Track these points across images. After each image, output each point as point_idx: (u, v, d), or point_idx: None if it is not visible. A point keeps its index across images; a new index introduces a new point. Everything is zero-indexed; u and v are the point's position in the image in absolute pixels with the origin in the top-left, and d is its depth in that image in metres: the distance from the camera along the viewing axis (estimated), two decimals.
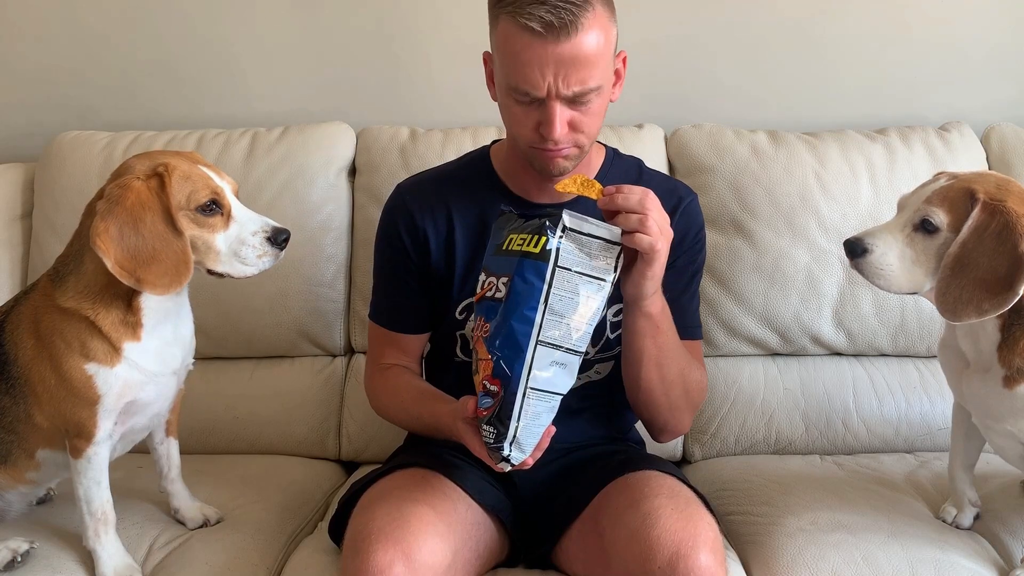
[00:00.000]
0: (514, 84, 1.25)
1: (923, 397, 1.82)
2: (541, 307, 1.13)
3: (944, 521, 1.45)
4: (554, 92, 1.23)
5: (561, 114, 1.25)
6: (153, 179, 1.25)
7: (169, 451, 1.49)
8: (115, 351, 1.28)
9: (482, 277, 1.21)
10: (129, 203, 1.23)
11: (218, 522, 1.49)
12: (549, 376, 1.14)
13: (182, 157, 1.30)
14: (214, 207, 1.28)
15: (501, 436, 1.13)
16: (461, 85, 1.34)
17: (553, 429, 1.17)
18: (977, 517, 1.45)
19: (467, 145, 1.82)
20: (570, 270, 1.15)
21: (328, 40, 2.10)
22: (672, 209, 1.41)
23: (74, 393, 1.28)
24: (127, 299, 1.28)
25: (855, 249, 1.29)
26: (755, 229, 1.84)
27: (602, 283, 1.17)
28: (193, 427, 1.76)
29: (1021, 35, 2.08)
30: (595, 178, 1.41)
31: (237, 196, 1.33)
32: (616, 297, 1.40)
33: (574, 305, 1.15)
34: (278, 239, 1.31)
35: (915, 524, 1.43)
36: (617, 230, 1.18)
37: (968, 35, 2.07)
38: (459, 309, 1.42)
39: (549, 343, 1.14)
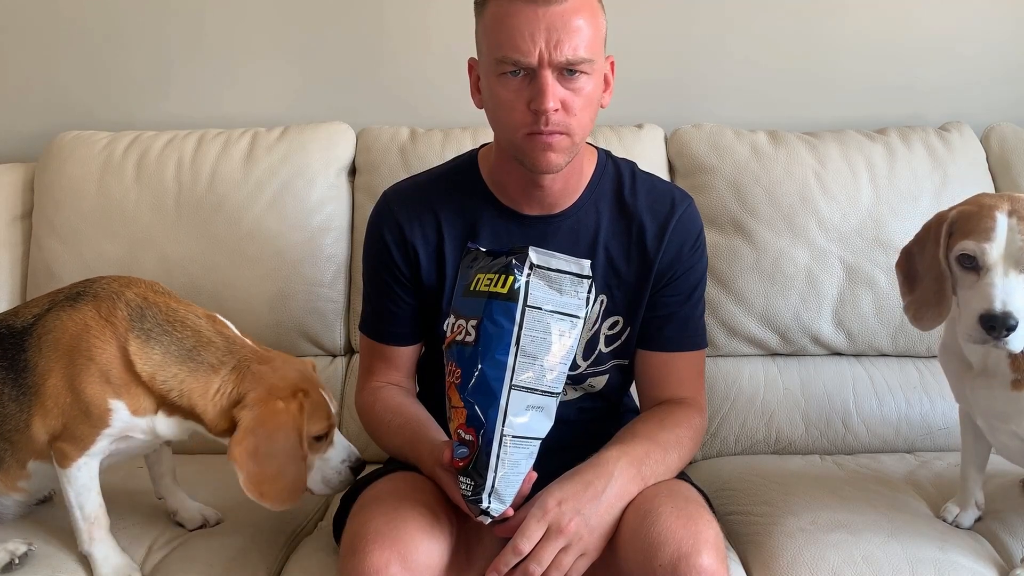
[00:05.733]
0: (502, 55, 1.22)
1: (923, 397, 1.82)
2: (512, 349, 1.09)
3: (944, 520, 1.45)
4: (546, 59, 1.20)
5: (553, 87, 1.21)
6: (293, 403, 1.30)
7: (162, 456, 1.49)
8: (148, 412, 1.32)
9: (451, 319, 1.17)
10: (271, 425, 1.28)
11: (217, 523, 1.49)
12: (525, 421, 1.11)
13: (311, 381, 1.36)
14: (323, 436, 1.35)
15: (479, 488, 1.10)
16: (461, 85, 1.33)
17: (534, 476, 1.15)
18: (979, 519, 1.45)
19: (467, 145, 1.82)
20: (540, 309, 1.11)
21: (328, 40, 2.10)
22: (665, 220, 1.38)
23: (86, 413, 1.29)
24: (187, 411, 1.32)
25: (1010, 323, 1.15)
26: (755, 229, 1.84)
27: (575, 320, 1.13)
28: None
29: (1021, 35, 2.08)
30: (588, 184, 1.40)
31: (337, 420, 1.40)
32: (611, 310, 1.39)
33: (547, 345, 1.11)
34: (357, 468, 1.39)
35: (915, 524, 1.42)
36: (586, 263, 1.15)
37: (968, 35, 2.07)
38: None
39: (523, 387, 1.10)
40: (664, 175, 1.88)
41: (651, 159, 1.88)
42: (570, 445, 1.34)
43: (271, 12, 2.10)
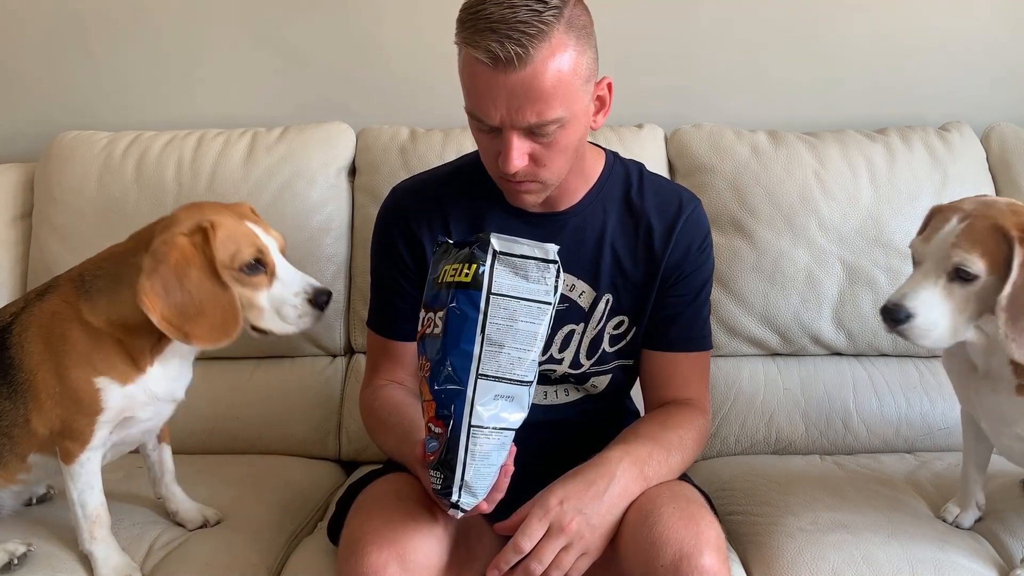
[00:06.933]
0: (471, 110, 1.23)
1: (923, 397, 1.82)
2: (478, 338, 1.07)
3: (944, 521, 1.45)
4: (508, 123, 1.19)
5: (519, 146, 1.20)
6: (197, 234, 1.26)
7: (162, 456, 1.49)
8: (137, 372, 1.31)
9: (422, 314, 1.16)
10: (173, 260, 1.24)
11: (217, 523, 1.49)
12: (494, 412, 1.08)
13: (229, 212, 1.31)
14: (258, 266, 1.29)
15: (448, 481, 1.08)
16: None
17: (511, 469, 1.13)
18: (979, 519, 1.45)
19: (467, 145, 1.82)
20: (506, 296, 1.08)
21: (328, 40, 2.10)
22: (672, 220, 1.38)
23: (77, 402, 1.29)
24: (158, 332, 1.27)
25: (898, 316, 1.22)
26: (755, 229, 1.84)
27: (542, 305, 1.10)
28: (193, 428, 1.77)
29: (1021, 35, 2.08)
30: (595, 184, 1.40)
31: (284, 252, 1.34)
32: (616, 309, 1.40)
33: (513, 333, 1.09)
34: (319, 300, 1.32)
35: (915, 524, 1.43)
36: (551, 247, 1.12)
37: (968, 35, 2.07)
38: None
39: (491, 376, 1.08)
40: (664, 175, 1.88)
41: (651, 159, 1.88)
42: (570, 447, 1.34)
43: (271, 12, 2.10)
